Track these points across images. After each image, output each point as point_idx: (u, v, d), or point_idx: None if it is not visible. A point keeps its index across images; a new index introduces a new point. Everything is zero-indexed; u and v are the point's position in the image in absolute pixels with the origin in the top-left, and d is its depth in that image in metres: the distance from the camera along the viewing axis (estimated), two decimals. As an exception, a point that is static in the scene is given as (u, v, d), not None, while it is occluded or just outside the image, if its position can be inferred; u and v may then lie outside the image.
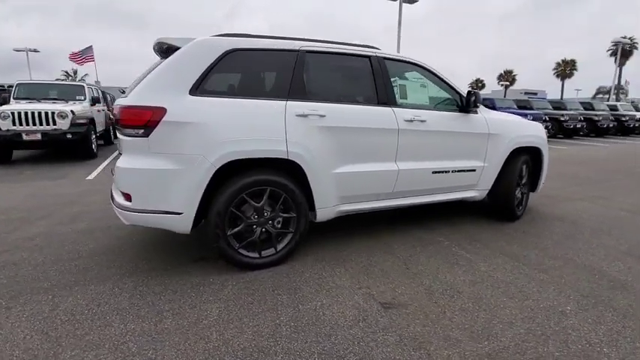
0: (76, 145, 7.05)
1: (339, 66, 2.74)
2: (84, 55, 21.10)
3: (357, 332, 1.82)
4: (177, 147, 2.15)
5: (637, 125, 15.94)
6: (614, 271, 2.53)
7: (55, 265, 2.53)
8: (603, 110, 15.89)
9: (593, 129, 14.91)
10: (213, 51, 2.29)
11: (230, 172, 2.28)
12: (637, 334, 1.82)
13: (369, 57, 2.80)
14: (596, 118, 14.82)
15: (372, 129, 2.68)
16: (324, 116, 2.49)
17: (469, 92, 3.09)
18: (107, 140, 9.86)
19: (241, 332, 1.80)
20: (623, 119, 15.57)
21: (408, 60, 3.05)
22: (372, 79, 2.77)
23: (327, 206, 2.62)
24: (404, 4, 14.66)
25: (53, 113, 6.64)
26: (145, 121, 2.09)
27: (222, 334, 1.78)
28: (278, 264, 2.52)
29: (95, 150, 7.71)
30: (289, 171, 2.45)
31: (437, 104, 3.30)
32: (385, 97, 2.79)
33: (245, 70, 2.46)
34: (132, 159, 2.19)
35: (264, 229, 2.44)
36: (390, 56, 2.92)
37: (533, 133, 3.58)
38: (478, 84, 56.56)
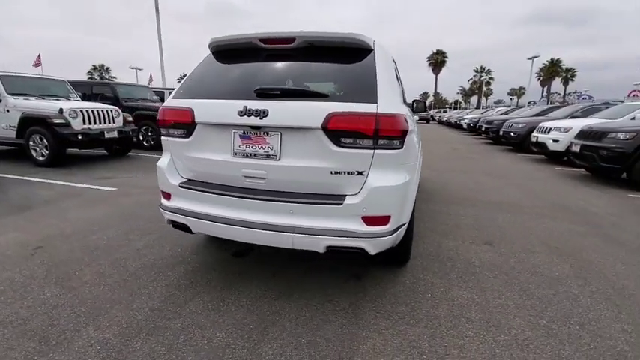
0: None
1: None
2: None
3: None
4: (411, 156, 2.08)
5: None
6: (574, 205, 4.56)
7: None
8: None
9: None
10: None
11: None
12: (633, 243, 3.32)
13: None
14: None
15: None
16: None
17: (416, 100, 4.41)
18: None
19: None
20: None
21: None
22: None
23: None
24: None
25: None
26: (401, 130, 1.88)
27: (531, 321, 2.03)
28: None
29: None
30: None
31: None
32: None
33: None
34: (387, 175, 1.86)
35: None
36: None
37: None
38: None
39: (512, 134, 10.93)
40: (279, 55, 2.16)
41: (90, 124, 6.09)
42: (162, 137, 2.25)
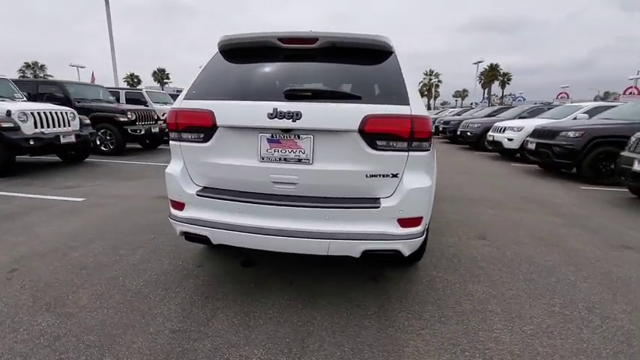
0: None
1: None
2: None
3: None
4: (433, 158, 2.12)
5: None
6: (540, 198, 5.07)
7: None
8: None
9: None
10: None
11: None
12: (602, 230, 4.28)
13: None
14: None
15: None
16: None
17: None
18: None
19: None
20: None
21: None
22: None
23: None
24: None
25: None
26: (430, 132, 1.90)
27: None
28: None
29: None
30: None
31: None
32: None
33: None
34: (419, 176, 1.87)
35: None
36: None
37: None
38: (134, 79, 54.75)
39: (469, 134, 11.68)
40: (298, 56, 2.08)
41: (42, 127, 5.47)
42: (172, 142, 2.06)
